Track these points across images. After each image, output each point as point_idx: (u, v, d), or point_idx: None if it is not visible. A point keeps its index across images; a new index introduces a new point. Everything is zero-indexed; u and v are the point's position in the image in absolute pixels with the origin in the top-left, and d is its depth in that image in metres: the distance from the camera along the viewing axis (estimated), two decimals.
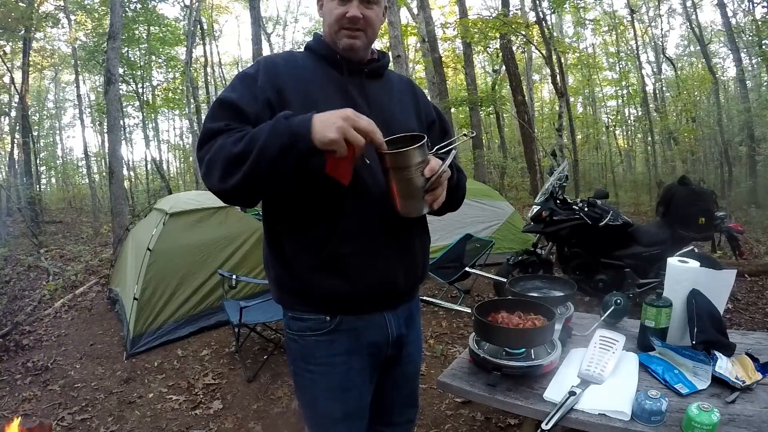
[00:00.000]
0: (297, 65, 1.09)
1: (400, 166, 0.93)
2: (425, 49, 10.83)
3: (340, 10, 1.05)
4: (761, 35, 9.16)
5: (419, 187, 0.95)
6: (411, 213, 1.00)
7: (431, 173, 0.94)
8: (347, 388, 1.13)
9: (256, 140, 0.90)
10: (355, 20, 1.05)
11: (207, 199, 4.33)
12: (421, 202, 0.98)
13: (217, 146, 0.94)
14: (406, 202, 0.98)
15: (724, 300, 1.57)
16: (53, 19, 11.64)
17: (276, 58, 1.11)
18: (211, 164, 0.94)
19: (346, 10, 1.04)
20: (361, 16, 1.05)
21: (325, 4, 1.09)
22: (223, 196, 0.96)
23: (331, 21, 1.07)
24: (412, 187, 0.95)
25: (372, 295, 1.10)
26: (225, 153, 0.92)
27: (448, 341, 3.36)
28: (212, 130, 0.97)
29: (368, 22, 1.07)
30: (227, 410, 2.63)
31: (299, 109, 0.94)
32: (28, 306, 4.55)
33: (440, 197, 1.00)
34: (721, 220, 3.33)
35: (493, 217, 5.36)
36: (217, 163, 0.93)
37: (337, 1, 1.05)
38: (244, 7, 17.70)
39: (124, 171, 7.57)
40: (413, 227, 1.15)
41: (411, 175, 0.93)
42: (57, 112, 21.01)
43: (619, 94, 15.88)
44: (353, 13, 1.04)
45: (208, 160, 0.95)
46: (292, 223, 1.07)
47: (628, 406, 1.23)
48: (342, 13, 1.04)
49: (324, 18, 1.10)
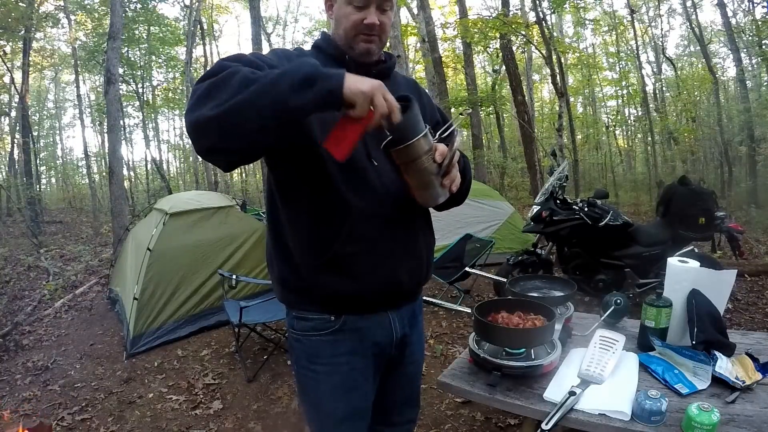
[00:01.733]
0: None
1: (411, 159, 0.94)
2: (425, 49, 10.82)
3: (358, 16, 1.05)
4: (761, 35, 9.16)
5: (434, 174, 0.97)
6: (431, 202, 1.02)
7: (442, 157, 0.95)
8: (351, 388, 1.13)
9: (277, 69, 0.85)
10: (372, 27, 1.05)
11: (207, 199, 4.34)
12: (438, 189, 0.99)
13: (229, 71, 0.84)
14: (425, 192, 1.00)
15: (724, 300, 1.57)
16: (53, 19, 11.65)
17: (287, 50, 1.11)
18: (212, 86, 0.84)
19: (364, 16, 1.04)
20: (378, 23, 1.05)
21: (339, 8, 1.08)
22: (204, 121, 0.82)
23: (347, 26, 1.06)
24: (427, 176, 0.96)
25: (377, 295, 1.10)
26: (240, 75, 0.83)
27: (448, 341, 3.36)
28: (224, 64, 0.89)
29: (383, 28, 1.08)
30: (227, 410, 2.63)
31: None
32: (28, 306, 4.55)
33: (456, 179, 1.01)
34: (721, 220, 3.33)
35: (493, 217, 5.37)
36: (222, 84, 0.83)
37: (353, 6, 1.05)
38: (244, 7, 17.71)
39: (124, 171, 7.56)
40: (418, 227, 1.16)
41: (424, 165, 0.95)
42: (57, 112, 21.03)
43: (619, 94, 15.87)
44: (371, 20, 1.04)
45: (211, 83, 0.84)
46: (297, 222, 1.06)
47: (628, 406, 1.23)
48: (359, 20, 1.05)
49: (337, 21, 1.09)
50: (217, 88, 0.83)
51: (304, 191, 1.04)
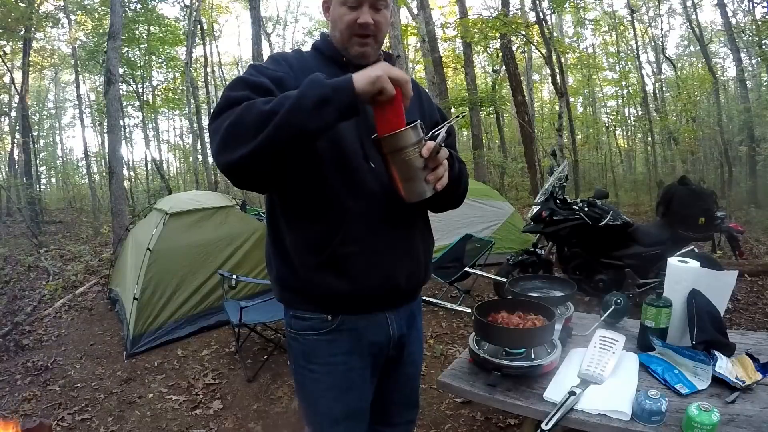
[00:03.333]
0: (308, 64, 1.08)
1: (397, 149, 0.95)
2: (425, 49, 10.82)
3: (351, 16, 1.05)
4: (761, 35, 9.15)
5: (419, 168, 0.97)
6: (414, 196, 1.01)
7: (428, 152, 0.95)
8: (348, 388, 1.13)
9: (290, 96, 0.86)
10: (366, 26, 1.05)
11: (207, 199, 4.33)
12: (423, 184, 0.99)
13: (243, 108, 0.88)
14: (409, 185, 0.99)
15: (725, 301, 1.57)
16: (53, 19, 11.64)
17: (286, 54, 1.12)
18: (232, 127, 0.87)
19: (357, 16, 1.04)
20: (372, 22, 1.05)
21: (333, 9, 1.08)
22: (237, 166, 0.89)
23: (342, 27, 1.07)
24: (412, 169, 0.97)
25: (374, 295, 1.10)
26: (255, 111, 0.87)
27: (448, 341, 3.36)
28: (232, 97, 0.92)
29: (378, 27, 1.07)
30: (227, 410, 2.63)
31: None
32: (28, 306, 4.55)
33: (443, 178, 1.00)
34: (721, 220, 3.33)
35: (493, 217, 5.36)
36: (241, 124, 0.87)
37: (347, 7, 1.05)
38: (244, 7, 17.69)
39: (124, 171, 7.56)
40: (416, 228, 1.16)
41: (409, 156, 0.95)
42: (57, 112, 21.04)
43: (619, 94, 15.86)
44: (364, 20, 1.04)
45: (229, 123, 0.88)
46: (295, 221, 1.07)
47: (628, 406, 1.23)
48: (353, 20, 1.05)
49: (333, 23, 1.09)
50: (238, 130, 0.87)
51: (301, 192, 1.05)
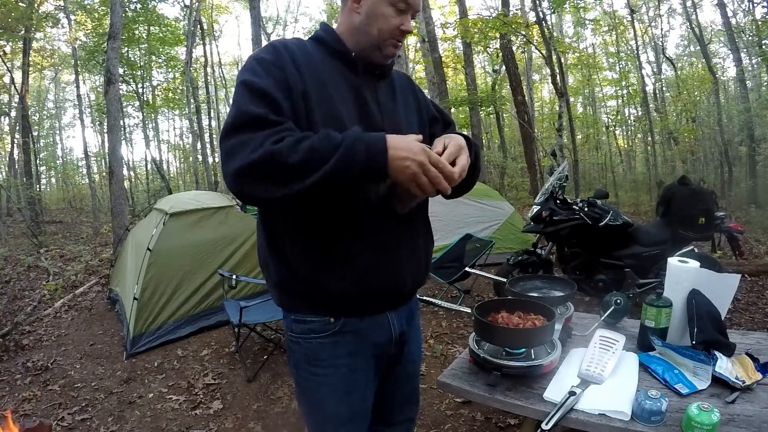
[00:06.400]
0: (312, 58, 1.05)
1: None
2: (425, 49, 10.83)
3: (397, 20, 1.04)
4: (761, 35, 9.15)
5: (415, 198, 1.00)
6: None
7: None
8: (352, 389, 1.13)
9: (320, 159, 0.86)
10: (406, 34, 1.07)
11: (207, 199, 4.33)
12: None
13: (267, 151, 0.86)
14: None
15: (726, 304, 1.57)
16: (53, 19, 11.63)
17: (287, 43, 1.05)
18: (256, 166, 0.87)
19: (401, 22, 1.05)
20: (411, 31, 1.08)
21: (376, 6, 1.03)
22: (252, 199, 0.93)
23: (384, 27, 1.04)
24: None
25: (379, 297, 1.10)
26: (280, 161, 0.86)
27: (448, 341, 3.36)
28: (250, 114, 0.90)
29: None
30: (227, 410, 2.63)
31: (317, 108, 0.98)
32: (28, 306, 4.55)
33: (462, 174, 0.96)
34: (721, 220, 3.33)
35: (493, 217, 5.36)
36: (262, 169, 0.87)
37: (395, 9, 1.03)
38: (244, 7, 17.71)
39: (124, 171, 7.55)
40: (418, 228, 1.16)
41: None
42: (57, 112, 21.07)
43: (619, 94, 15.87)
44: (408, 28, 1.06)
45: (253, 161, 0.86)
46: (298, 224, 1.04)
47: (628, 406, 1.23)
48: (397, 25, 1.05)
49: (371, 18, 1.04)
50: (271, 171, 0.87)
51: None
